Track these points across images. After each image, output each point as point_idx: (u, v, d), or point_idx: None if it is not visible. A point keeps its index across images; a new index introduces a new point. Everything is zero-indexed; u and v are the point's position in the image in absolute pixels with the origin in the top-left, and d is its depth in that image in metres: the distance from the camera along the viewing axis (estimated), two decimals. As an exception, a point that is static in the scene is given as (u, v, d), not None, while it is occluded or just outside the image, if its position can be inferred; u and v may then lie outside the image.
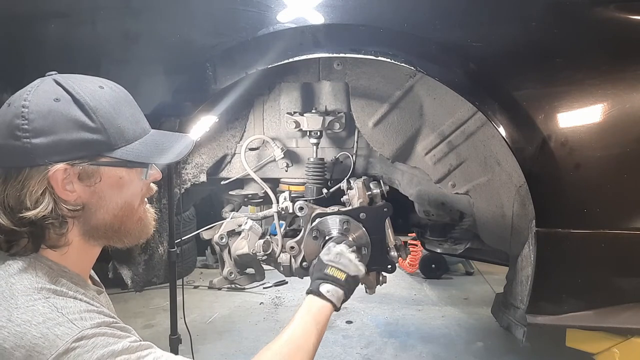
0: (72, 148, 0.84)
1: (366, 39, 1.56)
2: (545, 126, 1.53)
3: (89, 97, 0.85)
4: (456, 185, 1.95)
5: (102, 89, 0.89)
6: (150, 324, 3.43)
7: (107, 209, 0.90)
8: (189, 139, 1.01)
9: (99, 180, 0.87)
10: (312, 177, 2.04)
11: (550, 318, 1.68)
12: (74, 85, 0.86)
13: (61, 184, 0.84)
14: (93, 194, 0.88)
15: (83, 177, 0.86)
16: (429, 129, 1.92)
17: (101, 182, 0.88)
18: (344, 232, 1.86)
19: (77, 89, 0.85)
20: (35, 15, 1.65)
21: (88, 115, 0.84)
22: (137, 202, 0.95)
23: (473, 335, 3.37)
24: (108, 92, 0.89)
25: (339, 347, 3.19)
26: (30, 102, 0.83)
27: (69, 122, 0.83)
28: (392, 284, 3.90)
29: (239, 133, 2.10)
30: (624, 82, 1.54)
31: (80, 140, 0.84)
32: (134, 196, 0.94)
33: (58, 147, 0.82)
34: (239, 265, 2.14)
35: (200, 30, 1.64)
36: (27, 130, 0.81)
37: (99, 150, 0.86)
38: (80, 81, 0.88)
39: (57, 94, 0.84)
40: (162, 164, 0.95)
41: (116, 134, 0.87)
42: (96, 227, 0.91)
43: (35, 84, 0.87)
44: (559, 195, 1.58)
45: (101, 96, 0.87)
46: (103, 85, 0.90)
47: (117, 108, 0.89)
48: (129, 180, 0.91)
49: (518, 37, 1.58)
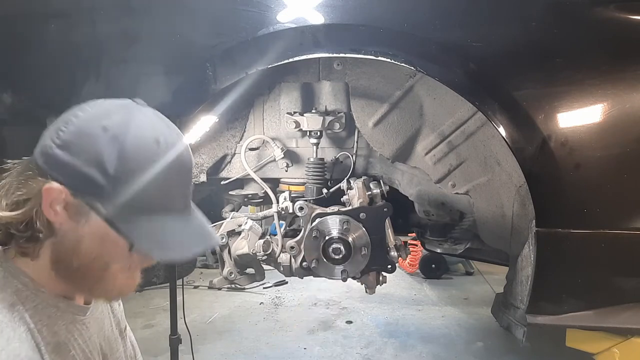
0: (80, 179, 0.77)
1: (366, 39, 1.56)
2: (545, 126, 1.53)
3: (133, 148, 0.77)
4: (456, 185, 1.95)
5: (156, 144, 0.79)
6: (150, 324, 3.43)
7: (78, 253, 0.81)
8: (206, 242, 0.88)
9: (85, 222, 0.79)
10: (312, 177, 2.04)
11: (550, 318, 1.68)
12: (130, 124, 0.78)
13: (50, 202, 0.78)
14: (73, 230, 0.80)
15: (71, 210, 0.79)
16: (429, 129, 1.92)
17: (86, 226, 0.80)
18: (344, 232, 1.87)
19: (132, 134, 0.78)
20: (36, 15, 1.65)
21: (114, 162, 0.76)
22: (115, 266, 0.84)
23: (473, 335, 3.37)
24: (159, 151, 0.79)
25: (339, 347, 3.20)
26: (82, 116, 0.78)
27: (93, 156, 0.76)
28: (392, 284, 3.90)
29: (239, 133, 2.10)
30: (624, 82, 1.54)
31: (90, 177, 0.76)
32: (113, 258, 0.83)
33: (70, 170, 0.77)
34: (239, 265, 2.15)
35: (200, 30, 1.64)
36: (59, 138, 0.77)
37: (101, 198, 0.78)
38: (144, 124, 0.80)
39: (110, 124, 0.78)
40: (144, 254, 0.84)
41: (125, 195, 0.77)
42: (61, 263, 0.83)
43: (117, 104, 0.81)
44: (559, 195, 1.58)
45: (145, 151, 0.78)
46: (160, 141, 0.80)
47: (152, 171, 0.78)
48: (113, 242, 0.81)
49: (518, 37, 1.58)
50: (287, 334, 3.41)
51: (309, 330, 3.45)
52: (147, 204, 0.79)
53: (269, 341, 3.29)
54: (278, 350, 3.18)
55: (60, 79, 1.66)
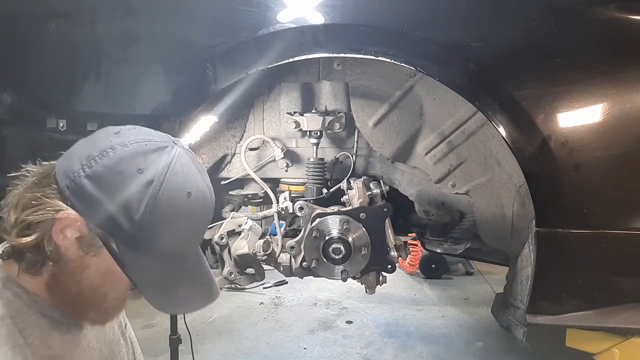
0: (100, 214, 0.75)
1: (366, 39, 1.56)
2: (545, 126, 1.53)
3: (166, 199, 0.76)
4: (456, 185, 1.95)
5: (188, 197, 0.78)
6: (150, 324, 3.43)
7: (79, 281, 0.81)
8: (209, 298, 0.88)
9: (93, 254, 0.79)
10: (312, 177, 2.04)
11: (550, 318, 1.68)
12: (169, 174, 0.77)
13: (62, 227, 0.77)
14: (79, 259, 0.79)
15: (83, 241, 0.78)
16: (429, 129, 1.92)
17: (94, 259, 0.79)
18: (344, 232, 1.87)
19: (168, 178, 0.76)
20: (36, 15, 1.65)
21: (142, 208, 0.75)
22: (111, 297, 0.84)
23: (473, 335, 3.37)
24: (188, 204, 0.79)
25: (339, 347, 3.20)
26: (119, 152, 0.76)
27: (122, 197, 0.75)
28: (392, 284, 3.90)
29: (239, 133, 2.10)
30: (624, 82, 1.54)
31: (113, 217, 0.75)
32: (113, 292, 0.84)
33: (93, 204, 0.75)
34: (239, 265, 2.14)
35: (200, 30, 1.64)
36: (90, 167, 0.75)
37: (117, 238, 0.77)
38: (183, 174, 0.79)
39: (146, 167, 0.76)
40: None
41: (146, 240, 0.77)
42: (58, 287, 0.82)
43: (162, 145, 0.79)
44: (559, 195, 1.58)
45: (176, 205, 0.77)
46: (191, 193, 0.79)
47: (176, 223, 0.78)
48: (117, 279, 0.81)
49: (518, 37, 1.58)
50: (287, 334, 3.41)
51: (309, 330, 3.45)
52: (162, 250, 0.79)
53: (269, 341, 3.29)
54: (278, 350, 3.18)
55: (60, 78, 1.66)
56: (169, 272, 0.81)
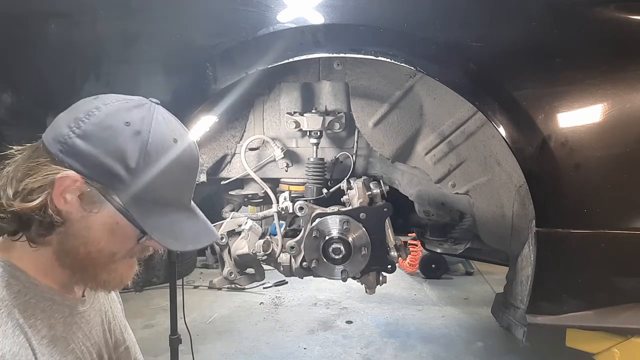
0: (98, 169, 0.78)
1: (366, 39, 1.56)
2: (545, 126, 1.53)
3: (155, 145, 0.80)
4: (456, 185, 1.95)
5: (175, 143, 0.83)
6: (150, 324, 3.43)
7: (86, 242, 0.82)
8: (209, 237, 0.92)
9: (96, 212, 0.81)
10: (312, 177, 2.04)
11: (550, 318, 1.68)
12: (152, 123, 0.81)
13: (62, 189, 0.79)
14: (83, 219, 0.81)
15: (85, 199, 0.80)
16: (429, 129, 1.92)
17: (97, 215, 0.81)
18: (344, 232, 1.87)
19: (153, 127, 0.81)
20: (36, 15, 1.65)
21: (136, 155, 0.79)
22: (120, 254, 0.86)
23: (473, 335, 3.37)
24: (176, 150, 0.83)
25: (339, 347, 3.20)
26: (104, 109, 0.80)
27: (115, 148, 0.78)
28: (392, 284, 3.90)
29: (239, 133, 2.10)
30: (624, 82, 1.54)
31: (111, 168, 0.78)
32: (120, 247, 0.85)
33: (88, 159, 0.78)
34: (239, 265, 2.15)
35: (200, 30, 1.64)
36: (79, 127, 0.78)
37: (117, 189, 0.80)
38: (166, 124, 0.84)
39: (133, 120, 0.80)
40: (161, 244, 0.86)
41: (144, 186, 0.80)
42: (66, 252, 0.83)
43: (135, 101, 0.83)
44: (559, 195, 1.58)
45: (164, 148, 0.82)
46: (178, 140, 0.84)
47: (170, 169, 0.82)
48: (122, 232, 0.83)
49: (518, 37, 1.58)
50: (287, 334, 3.41)
51: (309, 330, 3.46)
52: (161, 197, 0.83)
53: (269, 341, 3.29)
54: (278, 350, 3.18)
55: (60, 78, 1.66)
56: (171, 216, 0.85)
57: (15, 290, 0.80)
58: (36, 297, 0.82)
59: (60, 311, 0.85)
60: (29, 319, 0.80)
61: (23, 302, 0.80)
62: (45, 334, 0.81)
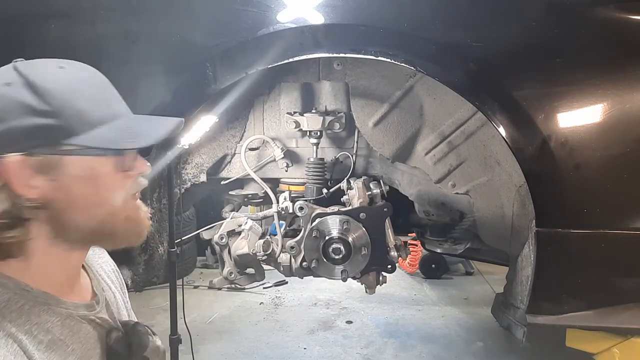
0: (25, 136, 0.73)
1: (366, 39, 1.56)
2: (545, 126, 1.53)
3: (41, 78, 0.75)
4: (456, 185, 1.95)
5: (62, 69, 0.78)
6: (150, 324, 3.41)
7: (78, 206, 0.78)
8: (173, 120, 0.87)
9: (63, 172, 0.75)
10: (312, 177, 2.04)
11: (550, 318, 1.68)
12: (29, 69, 0.75)
13: (20, 178, 0.73)
14: (58, 189, 0.75)
15: (44, 170, 0.74)
16: (429, 129, 1.92)
17: (66, 175, 0.76)
18: (344, 232, 1.87)
19: (32, 71, 0.75)
20: (36, 15, 1.65)
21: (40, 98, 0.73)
22: (120, 198, 0.81)
23: (473, 335, 3.37)
24: (68, 72, 0.78)
25: (339, 347, 3.19)
26: None
27: (19, 107, 0.72)
28: (392, 284, 3.89)
29: (239, 133, 2.10)
30: (624, 82, 1.54)
31: (33, 126, 0.73)
32: (113, 191, 0.80)
33: (10, 136, 0.72)
34: (239, 265, 2.15)
35: (200, 30, 1.64)
36: None
37: (56, 137, 0.74)
38: (39, 64, 0.77)
39: (10, 78, 0.74)
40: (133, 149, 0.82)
41: (75, 118, 0.75)
42: (68, 228, 0.78)
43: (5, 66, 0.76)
44: (559, 195, 1.58)
45: (58, 77, 0.77)
46: (64, 66, 0.79)
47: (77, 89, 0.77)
48: (102, 172, 0.78)
49: (518, 37, 1.58)
50: (287, 334, 3.41)
51: (309, 330, 3.45)
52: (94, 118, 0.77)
53: (269, 341, 3.29)
54: (278, 350, 3.18)
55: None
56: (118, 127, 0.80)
57: (5, 299, 0.75)
58: (29, 302, 0.77)
59: (57, 313, 0.81)
60: (24, 325, 0.76)
61: (15, 310, 0.76)
62: (42, 338, 0.77)
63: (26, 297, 0.78)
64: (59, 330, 0.81)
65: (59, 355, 0.79)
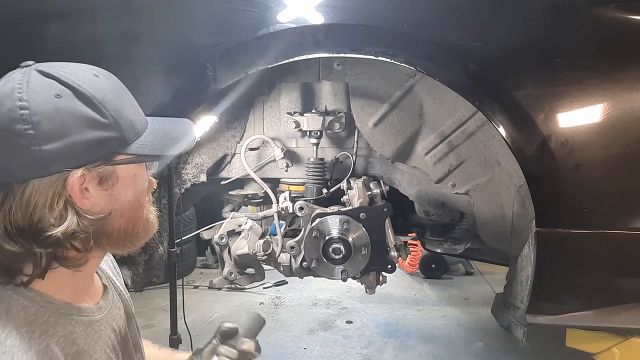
0: (87, 150, 0.74)
1: (366, 39, 1.56)
2: (545, 126, 1.53)
3: (91, 89, 0.75)
4: (456, 185, 1.95)
5: (97, 77, 0.78)
6: (150, 324, 3.43)
7: (123, 212, 0.81)
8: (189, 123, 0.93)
9: (116, 181, 0.78)
10: (312, 177, 2.04)
11: (550, 318, 1.68)
12: (69, 76, 0.74)
13: (79, 192, 0.74)
14: (110, 197, 0.78)
15: (102, 181, 0.77)
16: (429, 129, 1.92)
17: (118, 183, 0.79)
18: (344, 232, 1.87)
19: (75, 79, 0.74)
20: (36, 15, 1.65)
21: (98, 111, 0.74)
22: (144, 198, 0.86)
23: (473, 335, 3.37)
24: (105, 81, 0.79)
25: (339, 347, 3.19)
26: (29, 103, 0.70)
27: (80, 121, 0.72)
28: (392, 284, 3.89)
29: (239, 133, 2.10)
30: (624, 82, 1.54)
31: (96, 139, 0.74)
32: (143, 193, 0.85)
33: (72, 150, 0.72)
34: (239, 265, 2.14)
35: (200, 30, 1.64)
36: (35, 137, 0.70)
37: (115, 149, 0.77)
38: (72, 71, 0.76)
39: (56, 89, 0.73)
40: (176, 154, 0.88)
41: (128, 128, 0.78)
42: (109, 234, 0.81)
43: (22, 79, 0.73)
44: (559, 195, 1.58)
45: (102, 87, 0.77)
46: (98, 74, 0.79)
47: (120, 99, 0.80)
48: (141, 177, 0.83)
49: (518, 37, 1.58)
50: (287, 334, 3.41)
51: (309, 330, 3.45)
52: (138, 125, 0.81)
53: (269, 341, 3.28)
54: (278, 350, 3.17)
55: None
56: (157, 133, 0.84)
57: (33, 312, 0.76)
58: (54, 314, 0.78)
59: (80, 323, 0.82)
60: (53, 337, 0.76)
61: (43, 322, 0.76)
62: (68, 351, 0.78)
63: (51, 310, 0.78)
64: (83, 340, 0.82)
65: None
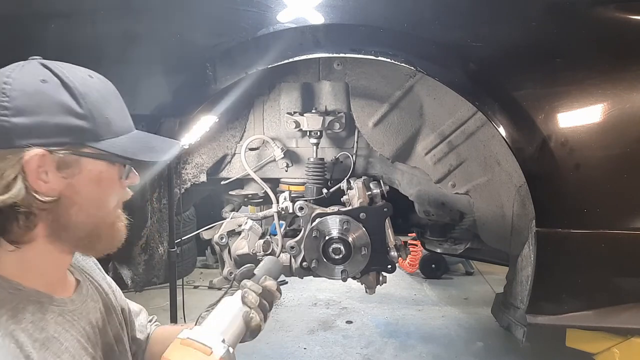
0: (55, 132, 0.77)
1: (366, 39, 1.56)
2: (545, 126, 1.53)
3: (78, 82, 0.80)
4: (456, 185, 1.95)
5: (91, 78, 0.84)
6: (150, 324, 3.43)
7: (81, 206, 0.81)
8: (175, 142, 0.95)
9: (77, 172, 0.80)
10: (312, 177, 2.04)
11: (550, 318, 1.68)
12: (62, 70, 0.80)
13: (35, 172, 0.76)
14: (69, 187, 0.79)
15: (61, 167, 0.78)
16: (429, 129, 1.92)
17: (80, 175, 0.80)
18: (344, 232, 1.87)
19: (67, 73, 0.80)
20: (36, 15, 1.65)
21: (77, 101, 0.78)
22: (113, 204, 0.87)
23: (473, 335, 3.37)
24: (97, 82, 0.84)
25: (339, 347, 3.19)
26: (14, 80, 0.76)
27: (56, 105, 0.77)
28: (392, 284, 3.89)
29: (239, 133, 2.10)
30: (624, 82, 1.54)
31: (66, 125, 0.77)
32: (111, 196, 0.86)
33: (40, 129, 0.75)
34: (239, 265, 2.14)
35: (200, 30, 1.64)
36: (7, 108, 0.74)
37: (84, 139, 0.79)
38: (69, 67, 0.82)
39: (45, 75, 0.78)
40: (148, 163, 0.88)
41: (104, 125, 0.81)
42: (67, 226, 0.82)
43: (19, 64, 0.79)
44: (559, 195, 1.58)
45: (91, 84, 0.82)
46: (92, 75, 0.85)
47: (106, 98, 0.84)
48: (108, 177, 0.84)
49: (518, 37, 1.58)
50: (287, 333, 3.41)
51: (309, 330, 3.45)
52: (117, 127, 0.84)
53: (269, 341, 3.28)
54: (278, 350, 3.17)
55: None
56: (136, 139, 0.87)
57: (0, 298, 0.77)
58: (23, 301, 0.79)
59: (51, 312, 0.83)
60: (20, 323, 0.77)
61: (10, 309, 0.77)
62: (37, 336, 0.78)
63: (19, 296, 0.79)
64: (53, 327, 0.83)
65: (53, 353, 0.80)
